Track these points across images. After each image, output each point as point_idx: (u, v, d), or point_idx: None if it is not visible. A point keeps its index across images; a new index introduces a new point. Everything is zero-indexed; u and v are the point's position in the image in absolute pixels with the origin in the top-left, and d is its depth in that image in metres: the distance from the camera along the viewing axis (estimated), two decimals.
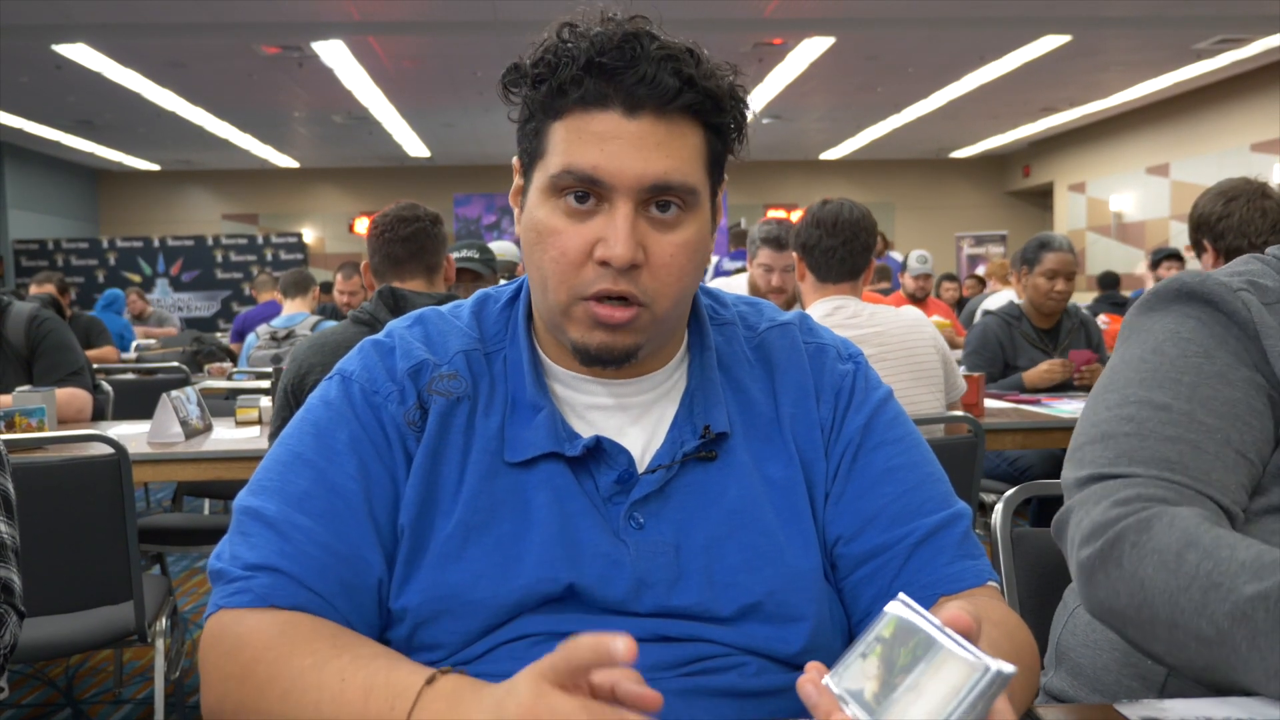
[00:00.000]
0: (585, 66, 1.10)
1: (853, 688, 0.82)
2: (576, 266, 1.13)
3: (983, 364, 4.54)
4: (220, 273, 19.16)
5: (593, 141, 1.10)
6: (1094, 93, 15.28)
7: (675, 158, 1.11)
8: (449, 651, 1.14)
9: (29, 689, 3.90)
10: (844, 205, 3.22)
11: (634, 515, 1.17)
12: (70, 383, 3.93)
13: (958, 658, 0.78)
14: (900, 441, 1.26)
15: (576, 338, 1.16)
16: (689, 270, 1.15)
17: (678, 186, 1.11)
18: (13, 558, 1.60)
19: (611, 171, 1.10)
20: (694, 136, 1.13)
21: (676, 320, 1.21)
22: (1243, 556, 1.11)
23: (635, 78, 1.09)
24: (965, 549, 1.20)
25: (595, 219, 1.12)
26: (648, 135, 1.10)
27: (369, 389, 1.20)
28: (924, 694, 0.78)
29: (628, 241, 1.10)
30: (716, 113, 1.14)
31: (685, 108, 1.11)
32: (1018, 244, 19.65)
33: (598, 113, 1.10)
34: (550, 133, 1.14)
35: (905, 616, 0.83)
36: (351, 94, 14.06)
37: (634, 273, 1.11)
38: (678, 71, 1.09)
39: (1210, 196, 3.39)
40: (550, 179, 1.13)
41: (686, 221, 1.14)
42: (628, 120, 1.10)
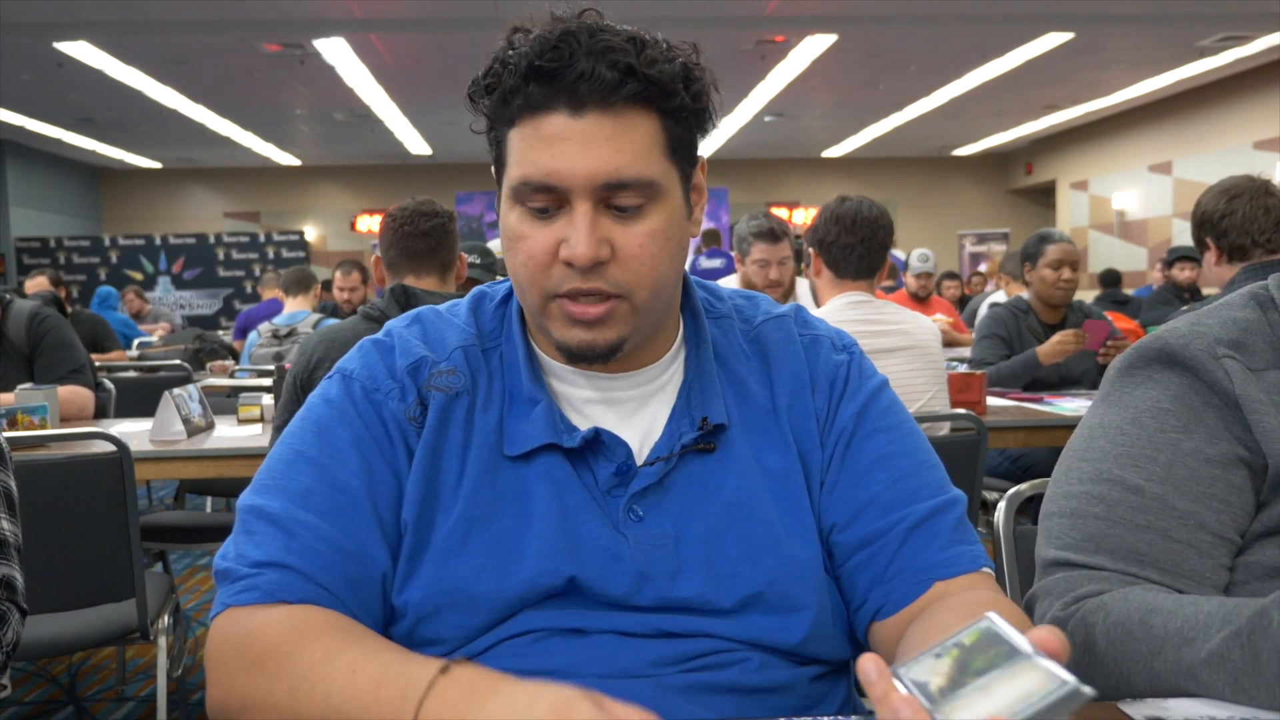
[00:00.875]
0: (526, 72, 1.09)
1: (918, 679, 0.81)
2: (544, 268, 1.13)
3: (990, 351, 4.56)
4: (222, 271, 19.16)
5: (543, 146, 1.10)
6: (1096, 90, 15.27)
7: (626, 151, 1.10)
8: (451, 647, 1.14)
9: (32, 686, 3.90)
10: (863, 203, 3.23)
11: (633, 508, 1.17)
12: (72, 380, 3.93)
13: (1039, 667, 0.77)
14: (894, 429, 1.26)
15: (558, 336, 1.16)
16: (662, 258, 1.14)
17: (632, 181, 1.11)
18: (15, 555, 1.60)
19: (563, 174, 1.09)
20: (645, 125, 1.12)
21: (661, 310, 1.20)
22: (1207, 608, 1.11)
23: (574, 75, 1.08)
24: (960, 535, 1.20)
25: (558, 220, 1.12)
26: (595, 131, 1.09)
27: (370, 386, 1.20)
28: (993, 694, 0.77)
29: (587, 240, 1.10)
30: (665, 98, 1.12)
31: (631, 98, 1.10)
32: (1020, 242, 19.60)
33: (545, 116, 1.10)
34: (508, 141, 1.14)
35: (994, 628, 0.82)
36: (353, 91, 14.06)
37: (601, 269, 1.12)
38: (614, 63, 1.08)
39: (1213, 194, 3.39)
40: (512, 189, 1.14)
41: (651, 211, 1.13)
42: (574, 119, 1.09)
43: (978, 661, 0.80)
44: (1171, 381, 1.29)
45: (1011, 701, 0.76)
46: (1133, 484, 1.26)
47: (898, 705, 0.79)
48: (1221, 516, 1.24)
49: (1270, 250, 3.31)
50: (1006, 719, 0.75)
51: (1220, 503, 1.24)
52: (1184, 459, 1.25)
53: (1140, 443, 1.28)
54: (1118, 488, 1.27)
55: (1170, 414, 1.28)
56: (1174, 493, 1.24)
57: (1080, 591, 1.24)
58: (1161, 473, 1.25)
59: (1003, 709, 0.76)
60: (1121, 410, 1.32)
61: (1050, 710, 0.75)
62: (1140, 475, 1.26)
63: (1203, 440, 1.25)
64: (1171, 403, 1.28)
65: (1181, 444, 1.26)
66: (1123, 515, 1.25)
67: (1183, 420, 1.27)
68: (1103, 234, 17.82)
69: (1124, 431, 1.30)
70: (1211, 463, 1.24)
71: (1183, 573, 1.22)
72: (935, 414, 3.10)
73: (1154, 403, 1.29)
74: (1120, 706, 1.07)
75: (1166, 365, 1.30)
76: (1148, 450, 1.27)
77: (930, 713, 0.78)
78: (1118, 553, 1.24)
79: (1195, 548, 1.23)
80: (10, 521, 1.61)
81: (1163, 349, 1.31)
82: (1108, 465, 1.29)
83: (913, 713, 0.78)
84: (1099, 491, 1.28)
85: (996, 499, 1.76)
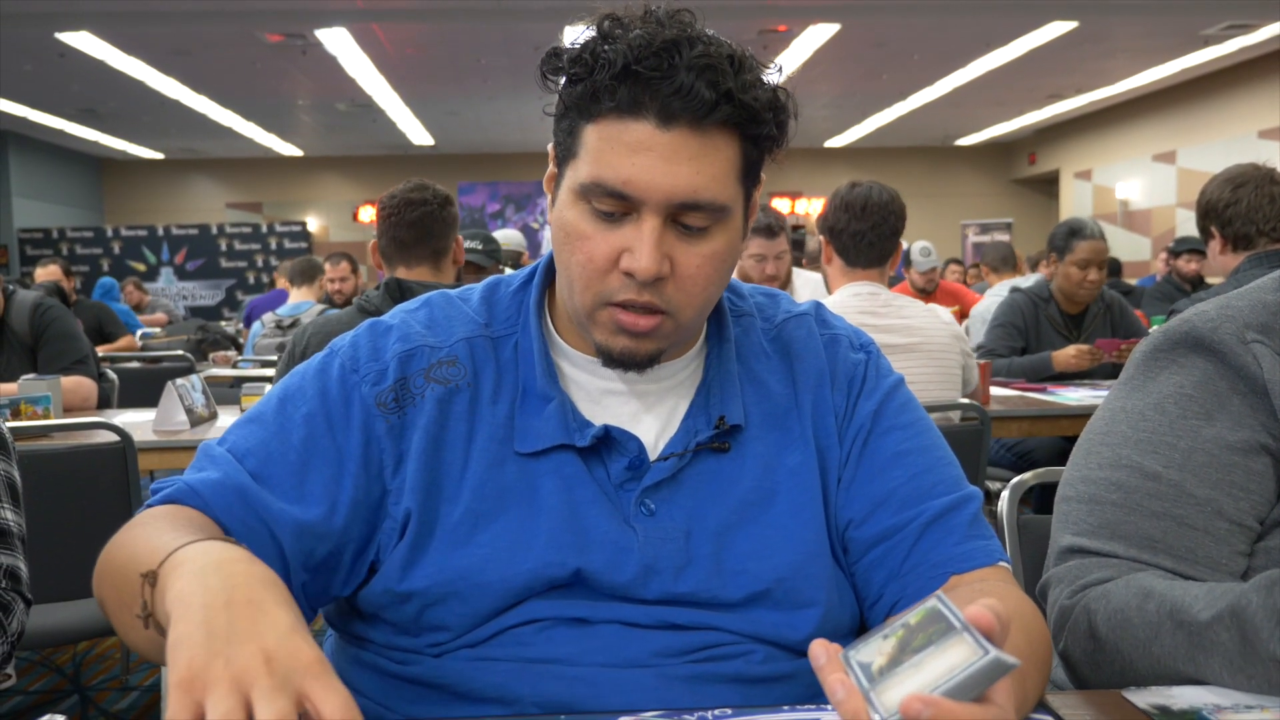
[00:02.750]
0: (621, 73, 1.06)
1: (864, 660, 0.84)
2: (602, 273, 1.12)
3: (1001, 341, 4.52)
4: (225, 261, 19.18)
5: (624, 152, 1.08)
6: (1101, 79, 15.23)
7: (706, 173, 1.09)
8: (456, 634, 1.14)
9: (36, 675, 3.91)
10: (873, 188, 3.16)
11: (645, 502, 1.17)
12: (75, 371, 3.93)
13: (965, 641, 0.79)
14: (911, 426, 1.26)
15: (601, 341, 1.16)
16: (715, 280, 1.15)
17: (706, 205, 1.09)
18: (19, 545, 1.60)
19: (641, 186, 1.08)
20: (729, 149, 1.10)
21: (699, 326, 1.22)
22: (1196, 590, 1.13)
23: (671, 89, 1.05)
24: (976, 530, 1.20)
25: (623, 227, 1.11)
26: (681, 148, 1.07)
27: (349, 366, 1.21)
28: (923, 670, 0.80)
29: (653, 255, 1.08)
30: (754, 125, 1.10)
31: (721, 121, 1.08)
32: (1023, 231, 19.65)
33: (631, 121, 1.08)
34: (583, 134, 1.12)
35: (936, 608, 0.84)
36: (355, 82, 14.05)
37: (659, 284, 1.11)
38: (715, 83, 1.06)
39: (1218, 183, 3.38)
40: (580, 185, 1.11)
41: (716, 233, 1.13)
42: (661, 131, 1.07)
43: (918, 639, 0.82)
44: (1197, 366, 1.29)
45: (936, 676, 0.79)
46: (1151, 470, 1.26)
47: (834, 687, 0.82)
48: (1240, 504, 1.23)
49: (1275, 239, 3.30)
50: (930, 692, 0.77)
51: (1239, 490, 1.23)
52: (1204, 446, 1.25)
53: (1162, 429, 1.27)
54: (1136, 474, 1.27)
55: (1194, 400, 1.27)
56: (1192, 479, 1.24)
57: (1088, 579, 1.24)
58: (1181, 459, 1.25)
59: (927, 683, 0.79)
60: (1144, 396, 1.31)
61: (971, 680, 0.78)
62: (1159, 462, 1.26)
63: (1225, 427, 1.25)
64: (1195, 389, 1.27)
65: (1203, 431, 1.25)
66: (1139, 502, 1.25)
67: (1206, 407, 1.26)
68: (1106, 224, 17.75)
69: (1146, 417, 1.29)
70: (1232, 450, 1.24)
71: (1197, 559, 1.22)
72: (939, 403, 3.08)
73: (1178, 388, 1.29)
74: (1125, 695, 1.07)
75: (1193, 349, 1.29)
76: (1168, 437, 1.27)
77: (866, 692, 0.81)
78: (1132, 539, 1.24)
79: (1211, 534, 1.23)
80: (14, 511, 1.61)
81: (1190, 333, 1.30)
82: (1127, 451, 1.28)
83: (847, 694, 0.81)
84: (1117, 478, 1.28)
85: (999, 489, 1.76)
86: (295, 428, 1.17)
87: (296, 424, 1.17)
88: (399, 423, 1.18)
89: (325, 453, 1.16)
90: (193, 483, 1.13)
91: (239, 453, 1.16)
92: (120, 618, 1.04)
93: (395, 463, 1.17)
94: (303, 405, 1.19)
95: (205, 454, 1.18)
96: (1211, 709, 1.00)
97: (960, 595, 1.12)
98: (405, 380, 1.19)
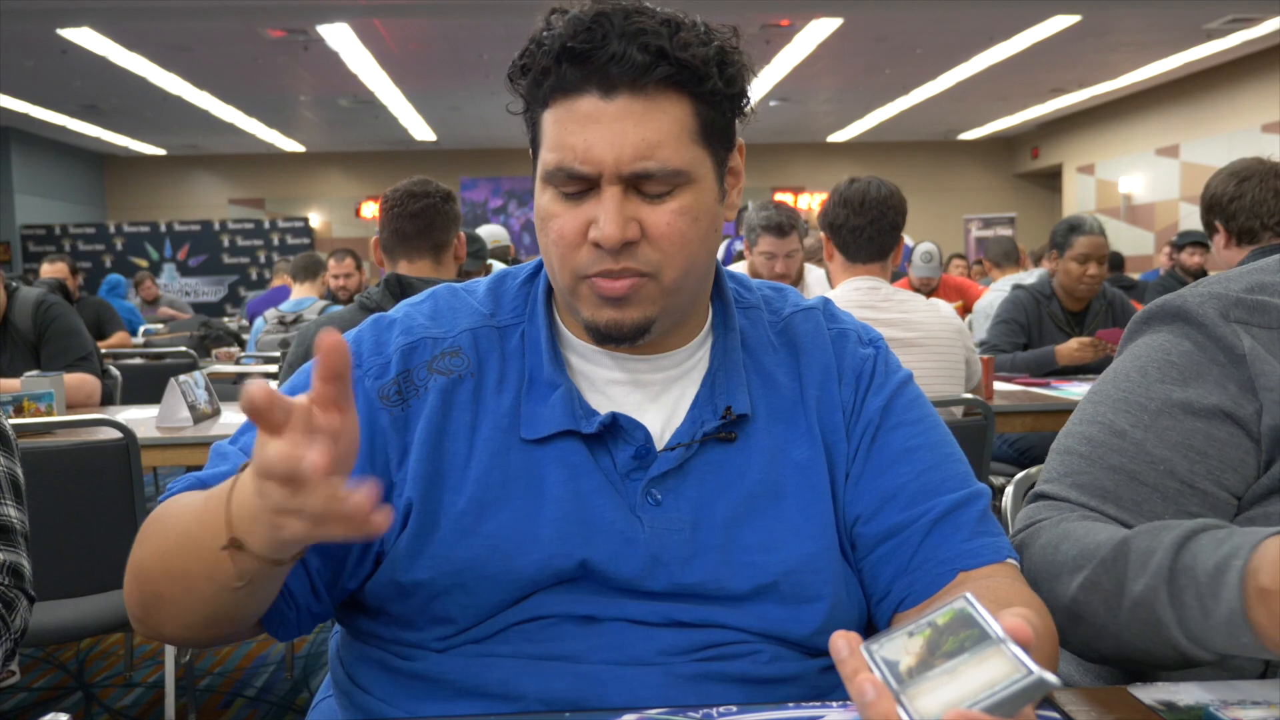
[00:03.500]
0: (560, 53, 1.09)
1: (889, 657, 0.82)
2: (574, 248, 1.13)
3: (1005, 337, 4.53)
4: (227, 257, 19.19)
5: (575, 129, 1.10)
6: (1103, 73, 15.22)
7: (655, 136, 1.09)
8: (461, 627, 1.14)
9: (40, 672, 3.91)
10: (871, 183, 3.16)
11: (651, 492, 1.17)
12: (78, 368, 3.93)
13: (1005, 656, 0.78)
14: (919, 422, 1.26)
15: (587, 316, 1.16)
16: (692, 236, 1.14)
17: (656, 171, 1.10)
18: (22, 542, 1.60)
19: (594, 159, 1.09)
20: (676, 109, 1.11)
21: (691, 292, 1.20)
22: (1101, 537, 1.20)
23: (605, 57, 1.08)
24: (984, 526, 1.20)
25: (588, 201, 1.12)
26: (625, 114, 1.09)
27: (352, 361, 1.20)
28: (958, 679, 0.78)
29: (615, 221, 1.10)
30: (698, 81, 1.11)
31: (663, 81, 1.09)
32: (1026, 226, 19.64)
33: (577, 98, 1.10)
34: (541, 122, 1.15)
35: (966, 610, 0.82)
36: (357, 77, 14.05)
37: (631, 249, 1.12)
38: (646, 46, 1.07)
39: (1223, 177, 3.37)
40: (545, 172, 1.14)
41: (681, 192, 1.13)
42: (605, 102, 1.09)
43: (949, 643, 0.81)
44: (1184, 336, 1.34)
45: (976, 689, 0.77)
46: (1119, 428, 1.32)
47: (864, 686, 0.80)
48: (1195, 467, 1.28)
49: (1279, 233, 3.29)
50: (969, 706, 0.76)
51: (1196, 454, 1.28)
52: (1171, 409, 1.30)
53: (1139, 391, 1.34)
54: (1106, 430, 1.33)
55: (1174, 366, 1.33)
56: (1153, 439, 1.30)
57: (1037, 519, 1.31)
58: (1148, 420, 1.31)
59: (966, 695, 0.77)
60: (1133, 359, 1.38)
61: (1013, 699, 0.76)
62: (1127, 421, 1.32)
63: (1196, 393, 1.30)
64: (1179, 357, 1.33)
65: (1174, 394, 1.31)
66: (1102, 456, 1.32)
67: (1184, 374, 1.32)
68: (1109, 218, 17.76)
69: (1129, 378, 1.36)
70: (1197, 415, 1.29)
71: (1140, 513, 1.28)
72: (943, 398, 3.07)
73: (1163, 354, 1.35)
74: (1131, 690, 1.07)
75: (1181, 321, 1.35)
76: (1141, 398, 1.33)
77: (896, 694, 0.79)
78: (1087, 489, 1.31)
79: (1160, 492, 1.28)
80: (17, 508, 1.61)
81: (1181, 306, 1.36)
82: (1104, 409, 1.36)
83: (878, 695, 0.79)
84: (1089, 432, 1.35)
85: (1002, 484, 1.76)
86: None
87: None
88: (403, 415, 1.18)
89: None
90: (205, 478, 1.14)
91: (248, 449, 1.16)
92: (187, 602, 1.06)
93: (400, 455, 1.17)
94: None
95: (217, 453, 1.19)
96: (1218, 705, 1.00)
97: (980, 592, 1.11)
98: (408, 373, 1.20)
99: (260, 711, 3.53)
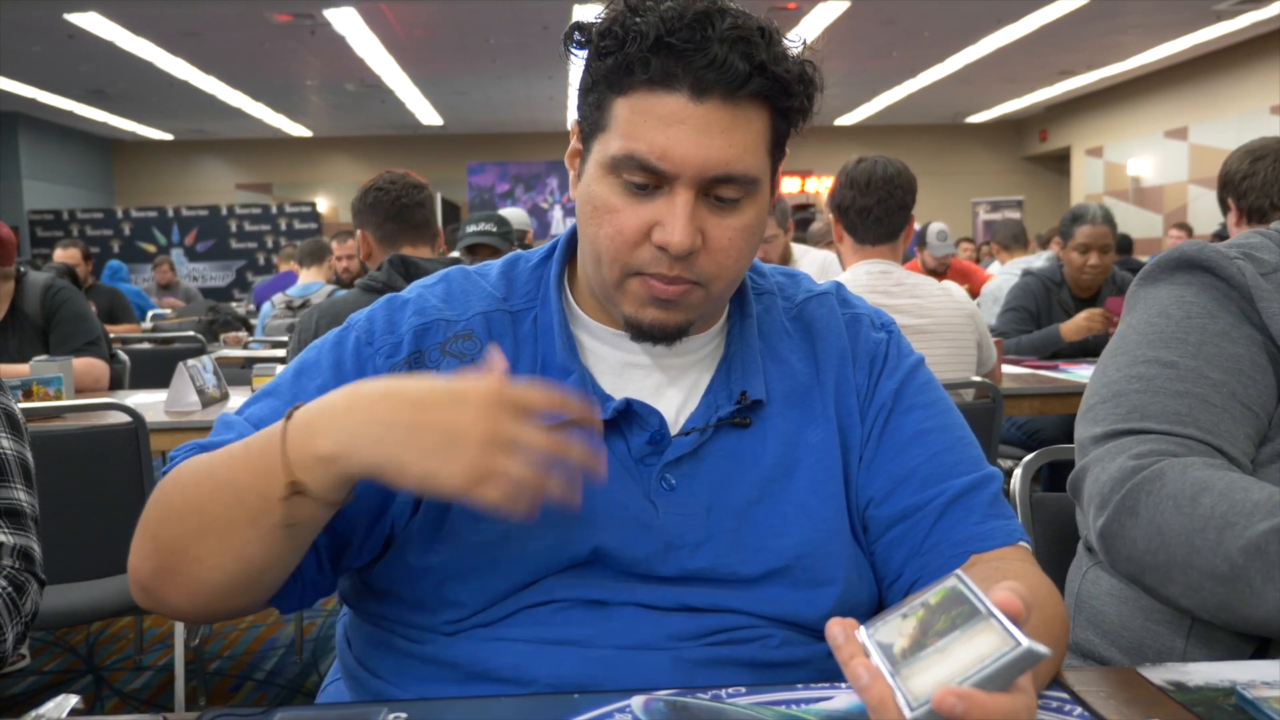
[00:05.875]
0: (654, 45, 1.06)
1: (884, 640, 0.83)
2: (633, 246, 1.11)
3: (1013, 324, 4.54)
4: (235, 242, 19.19)
5: (657, 125, 1.07)
6: (1112, 55, 15.15)
7: (739, 145, 1.08)
8: (472, 610, 1.14)
9: (50, 656, 3.93)
10: (878, 163, 3.12)
11: (665, 476, 1.17)
12: (87, 352, 3.94)
13: (994, 629, 0.78)
14: (932, 405, 1.26)
15: (630, 312, 1.15)
16: (746, 252, 1.14)
17: (739, 177, 1.09)
18: (32, 526, 1.60)
19: (675, 159, 1.07)
20: (759, 121, 1.10)
21: (728, 297, 1.21)
22: (1256, 497, 1.18)
23: (705, 61, 1.05)
24: (996, 509, 1.20)
25: (655, 201, 1.10)
26: (714, 121, 1.07)
27: (363, 340, 1.21)
28: (950, 656, 0.79)
29: (686, 229, 1.08)
30: (785, 97, 1.10)
31: (754, 93, 1.08)
32: (1035, 209, 19.59)
33: (663, 94, 1.07)
34: (613, 108, 1.10)
35: (957, 588, 0.83)
36: (364, 62, 14.03)
37: (690, 258, 1.10)
38: (749, 55, 1.05)
39: (1239, 155, 3.36)
40: (611, 159, 1.10)
41: (746, 205, 1.12)
42: (695, 104, 1.06)
43: (941, 622, 0.81)
44: (1192, 280, 1.39)
45: (967, 664, 0.77)
46: (1168, 360, 1.34)
47: (858, 671, 0.81)
48: (1250, 390, 1.32)
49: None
50: (960, 682, 0.76)
51: (1248, 378, 1.32)
52: (1212, 338, 1.33)
53: (1170, 328, 1.36)
54: (1154, 365, 1.35)
55: (1194, 304, 1.37)
56: (1207, 365, 1.32)
57: (1134, 451, 1.29)
58: (1194, 349, 1.34)
59: (957, 672, 0.77)
60: (1146, 309, 1.41)
61: (1002, 672, 0.76)
62: (1174, 353, 1.34)
63: (1227, 324, 1.34)
64: (1195, 295, 1.37)
65: (1208, 326, 1.34)
66: (1162, 385, 1.33)
67: (1207, 308, 1.36)
68: (1118, 201, 17.71)
69: (1151, 324, 1.38)
70: (1237, 343, 1.33)
71: (1220, 433, 1.29)
72: (951, 381, 3.06)
73: (1178, 297, 1.38)
74: (1141, 671, 1.07)
75: (1186, 268, 1.39)
76: (1178, 334, 1.35)
77: (890, 675, 0.80)
78: (1160, 416, 1.31)
79: (1229, 413, 1.30)
80: (27, 492, 1.62)
81: (1180, 256, 1.40)
82: (1142, 350, 1.37)
83: (871, 679, 0.80)
84: (1137, 371, 1.36)
85: (1011, 467, 1.76)
86: (309, 399, 1.17)
87: (310, 395, 1.16)
88: None
89: None
90: (208, 445, 1.13)
91: (254, 421, 1.16)
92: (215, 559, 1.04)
93: None
94: (317, 377, 1.19)
95: (222, 423, 1.18)
96: (1245, 685, 1.00)
97: (979, 574, 1.11)
98: (420, 354, 1.19)
99: (269, 694, 3.54)
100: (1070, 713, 0.98)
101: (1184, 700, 1.00)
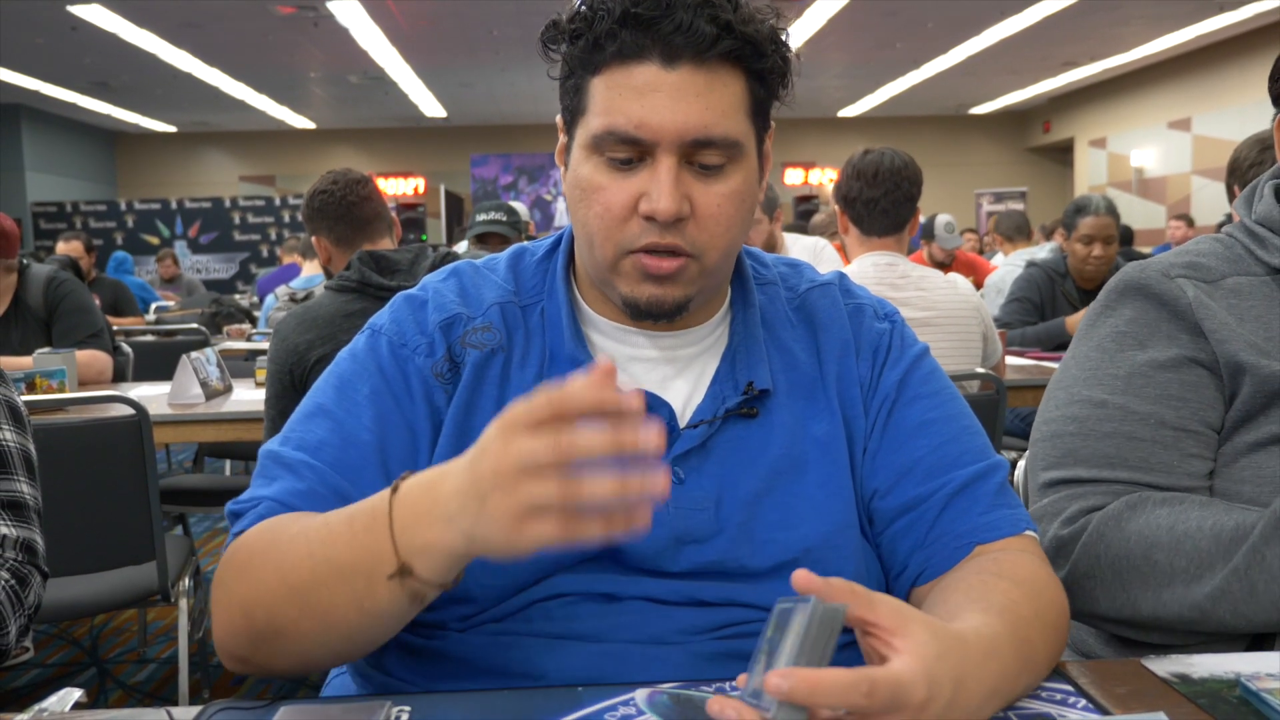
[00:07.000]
0: (620, 18, 1.07)
1: (752, 688, 0.84)
2: (621, 221, 1.11)
3: (1017, 315, 4.54)
4: (238, 234, 19.17)
5: (632, 96, 1.08)
6: (1115, 46, 15.12)
7: (716, 108, 1.09)
8: (482, 606, 1.13)
9: (54, 649, 3.93)
10: (885, 154, 3.11)
11: (675, 470, 1.16)
12: (90, 345, 3.94)
13: (801, 612, 0.83)
14: (936, 395, 1.25)
15: (626, 292, 1.15)
16: (736, 220, 1.14)
17: (719, 140, 1.09)
18: (35, 518, 1.60)
19: (653, 127, 1.08)
20: (735, 84, 1.11)
21: (725, 272, 1.20)
22: (1205, 544, 1.24)
23: (671, 26, 1.06)
24: (1002, 499, 1.19)
25: (639, 173, 1.10)
26: (687, 85, 1.07)
27: (397, 341, 1.20)
28: (781, 653, 0.83)
29: (672, 194, 1.08)
30: (757, 58, 1.11)
31: (725, 55, 1.08)
32: (1038, 201, 19.56)
33: (635, 65, 1.08)
34: (590, 89, 1.12)
35: (781, 607, 0.87)
36: (367, 54, 14.02)
37: (680, 225, 1.10)
38: (714, 18, 1.06)
39: (1249, 143, 3.37)
40: (592, 137, 1.11)
41: (732, 171, 1.12)
42: (666, 71, 1.07)
43: (773, 636, 0.86)
44: (1130, 307, 1.43)
45: (789, 649, 0.82)
46: (1098, 399, 1.40)
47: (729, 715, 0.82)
48: (1180, 412, 1.36)
49: None
50: (785, 666, 0.80)
51: (1177, 400, 1.36)
52: (1140, 369, 1.38)
53: (1104, 364, 1.42)
54: (1086, 405, 1.40)
55: (1127, 335, 1.42)
56: (1134, 400, 1.37)
57: (1070, 511, 1.35)
58: (1122, 385, 1.39)
59: (786, 659, 0.82)
60: (1089, 341, 1.46)
61: (808, 638, 0.82)
62: (1104, 391, 1.40)
63: (1157, 350, 1.39)
64: (1129, 325, 1.42)
65: (1137, 357, 1.39)
66: (1092, 427, 1.38)
67: (1139, 338, 1.41)
68: (1121, 192, 17.68)
69: (1089, 358, 1.44)
70: (1164, 368, 1.37)
71: (1151, 467, 1.35)
72: (955, 374, 3.05)
73: (1114, 329, 1.43)
74: (1144, 663, 1.06)
75: (1125, 294, 1.44)
76: (1109, 369, 1.41)
77: (755, 706, 0.82)
78: (1091, 460, 1.37)
79: (1159, 443, 1.35)
80: (30, 485, 1.62)
81: (1122, 280, 1.45)
82: (1078, 389, 1.43)
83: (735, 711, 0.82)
84: (1071, 412, 1.42)
85: (1015, 458, 1.76)
86: (363, 408, 1.16)
87: (363, 404, 1.16)
88: (454, 391, 1.18)
89: (398, 427, 1.16)
90: (280, 497, 1.10)
91: (310, 447, 1.14)
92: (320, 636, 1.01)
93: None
94: (363, 385, 1.18)
95: (274, 461, 1.14)
96: (1250, 677, 0.99)
97: (981, 566, 1.11)
98: (450, 348, 1.19)
99: (273, 687, 3.54)
100: (1074, 705, 0.98)
101: (1188, 692, 0.99)
